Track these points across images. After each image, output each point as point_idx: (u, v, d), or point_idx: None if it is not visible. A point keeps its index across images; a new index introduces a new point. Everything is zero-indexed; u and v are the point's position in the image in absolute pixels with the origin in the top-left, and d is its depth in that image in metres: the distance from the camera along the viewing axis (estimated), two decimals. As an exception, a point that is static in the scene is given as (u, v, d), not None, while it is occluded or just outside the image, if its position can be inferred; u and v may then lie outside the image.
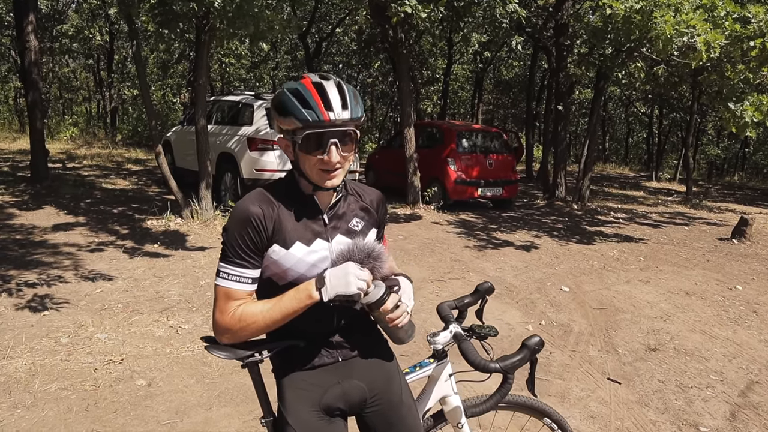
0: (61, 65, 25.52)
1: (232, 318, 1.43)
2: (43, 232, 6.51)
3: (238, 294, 1.44)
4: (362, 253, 1.47)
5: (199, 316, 4.38)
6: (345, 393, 1.55)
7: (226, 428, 2.90)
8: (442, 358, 1.79)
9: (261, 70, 27.93)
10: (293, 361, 1.55)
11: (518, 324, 4.68)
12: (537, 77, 21.59)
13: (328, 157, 1.43)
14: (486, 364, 1.52)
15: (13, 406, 2.97)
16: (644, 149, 31.88)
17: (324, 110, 1.41)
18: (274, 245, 1.46)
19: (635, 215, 11.17)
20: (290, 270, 1.47)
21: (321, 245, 1.50)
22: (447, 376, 1.79)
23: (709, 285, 6.11)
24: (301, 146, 1.44)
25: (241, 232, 1.43)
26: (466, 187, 10.12)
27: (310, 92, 1.42)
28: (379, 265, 1.49)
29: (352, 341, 1.59)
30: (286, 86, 1.47)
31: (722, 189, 19.48)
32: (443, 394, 1.80)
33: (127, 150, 16.61)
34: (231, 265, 1.44)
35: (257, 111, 8.30)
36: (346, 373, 1.57)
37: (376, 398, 1.60)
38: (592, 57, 10.30)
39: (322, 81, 1.45)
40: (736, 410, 3.41)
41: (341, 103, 1.43)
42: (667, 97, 21.06)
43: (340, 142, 1.44)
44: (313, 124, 1.41)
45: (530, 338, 1.57)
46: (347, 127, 1.45)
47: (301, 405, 1.51)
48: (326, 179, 1.47)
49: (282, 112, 1.45)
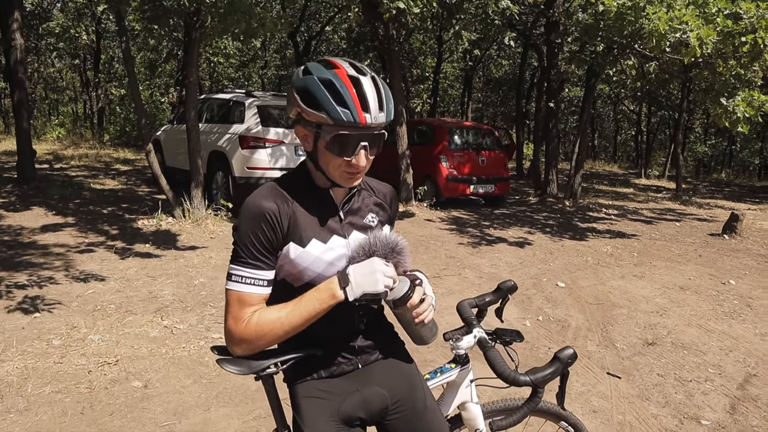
0: (47, 65, 25.21)
1: (247, 327, 1.31)
2: (32, 234, 6.40)
3: (252, 299, 1.32)
4: (386, 248, 1.37)
5: (194, 316, 4.32)
6: (365, 401, 1.46)
7: (225, 429, 2.85)
8: (464, 363, 1.70)
9: (250, 69, 27.81)
10: (309, 369, 1.45)
11: (516, 320, 4.66)
12: (527, 75, 21.65)
13: (356, 161, 1.33)
14: (516, 378, 1.42)
15: (5, 410, 2.90)
16: (633, 147, 32.11)
17: (361, 112, 1.29)
18: (290, 243, 1.35)
19: (626, 212, 11.22)
20: (307, 269, 1.37)
21: (338, 242, 1.41)
22: (468, 382, 1.71)
23: (703, 280, 6.14)
24: (328, 146, 1.32)
25: (255, 230, 1.31)
26: (458, 185, 10.11)
27: (346, 88, 1.29)
28: (403, 260, 1.40)
29: (371, 346, 1.50)
30: (316, 72, 1.32)
31: (710, 186, 19.65)
32: (463, 400, 1.72)
33: (115, 150, 16.43)
34: (244, 266, 1.32)
35: (248, 109, 8.22)
36: (366, 380, 1.47)
37: (399, 405, 1.50)
38: (583, 54, 10.32)
39: (359, 76, 1.32)
40: (735, 403, 3.41)
41: (378, 104, 1.31)
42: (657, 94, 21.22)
43: (370, 144, 1.34)
44: (347, 125, 1.29)
45: (563, 350, 1.48)
46: (379, 131, 1.35)
47: (318, 415, 1.40)
48: (348, 179, 1.38)
49: (309, 102, 1.31)
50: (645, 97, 22.79)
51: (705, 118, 28.01)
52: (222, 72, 26.58)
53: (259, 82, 29.06)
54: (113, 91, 23.61)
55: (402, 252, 1.40)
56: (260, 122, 8.04)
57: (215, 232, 7.06)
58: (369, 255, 1.37)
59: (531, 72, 22.58)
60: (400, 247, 1.40)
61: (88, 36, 19.50)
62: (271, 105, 8.44)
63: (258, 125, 8.01)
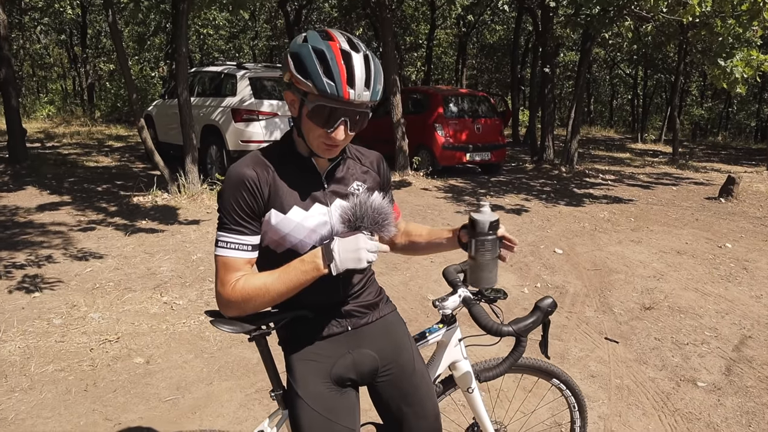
0: (32, 41, 24.72)
1: (233, 290, 1.35)
2: (28, 213, 6.37)
3: (237, 263, 1.37)
4: (372, 220, 1.36)
5: (193, 291, 4.33)
6: (355, 362, 1.51)
7: (228, 402, 2.88)
8: (451, 323, 1.75)
9: (240, 40, 27.34)
10: (301, 332, 1.50)
11: (514, 287, 4.69)
12: (521, 40, 21.36)
13: (335, 134, 1.35)
14: (499, 328, 1.48)
15: (9, 389, 2.92)
16: (629, 111, 31.94)
17: (346, 86, 1.30)
18: (271, 210, 1.39)
19: (623, 177, 11.22)
20: (288, 236, 1.40)
21: (319, 209, 1.43)
22: (456, 341, 1.76)
23: (699, 243, 6.17)
24: (309, 114, 1.34)
25: (236, 196, 1.36)
26: (454, 153, 10.05)
27: (336, 61, 1.29)
28: (388, 231, 1.39)
29: (360, 309, 1.54)
30: (312, 41, 1.33)
31: (706, 149, 19.62)
32: (453, 359, 1.77)
33: (107, 126, 16.26)
34: (228, 232, 1.37)
35: (240, 81, 8.11)
36: (356, 342, 1.52)
37: (388, 367, 1.56)
38: (579, 17, 10.15)
39: (351, 51, 1.32)
40: (731, 364, 3.46)
41: (364, 82, 1.32)
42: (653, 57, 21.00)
43: (350, 121, 1.35)
44: (330, 97, 1.30)
45: (543, 300, 1.53)
46: (362, 108, 1.35)
47: (311, 377, 1.46)
48: (325, 150, 1.40)
49: (300, 69, 1.32)
50: (641, 60, 22.57)
51: (702, 81, 27.83)
52: (212, 44, 26.13)
53: (250, 53, 28.60)
54: (102, 66, 23.25)
55: (387, 225, 1.38)
56: (253, 94, 7.94)
57: (211, 207, 7.04)
58: (355, 226, 1.36)
59: (525, 37, 22.28)
60: (385, 221, 1.38)
61: (73, 10, 19.05)
62: (264, 77, 8.32)
63: (251, 97, 7.91)
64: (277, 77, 8.42)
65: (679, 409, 2.96)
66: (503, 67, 27.32)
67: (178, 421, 2.71)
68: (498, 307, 1.75)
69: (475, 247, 1.46)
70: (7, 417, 2.68)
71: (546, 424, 2.69)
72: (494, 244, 1.46)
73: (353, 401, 1.52)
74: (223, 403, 2.87)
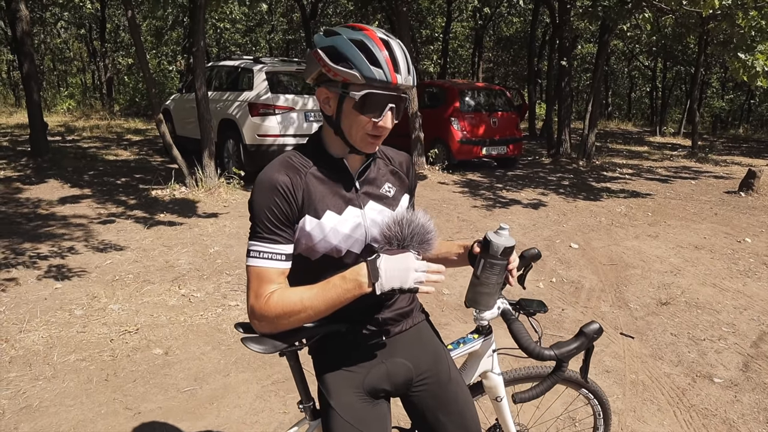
0: (53, 36, 25.06)
1: (267, 304, 1.28)
2: (50, 206, 6.49)
3: (271, 273, 1.30)
4: (419, 239, 1.31)
5: (211, 284, 4.39)
6: (389, 373, 1.46)
7: (245, 393, 2.93)
8: (487, 334, 1.71)
9: (257, 34, 27.44)
10: (333, 342, 1.45)
11: (528, 282, 4.65)
12: (538, 33, 21.15)
13: (383, 122, 1.32)
14: (540, 352, 1.41)
15: (34, 378, 3.00)
16: (647, 104, 31.50)
17: (393, 72, 1.28)
18: (305, 216, 1.33)
19: (641, 170, 11.09)
20: (323, 241, 1.35)
21: (353, 213, 1.38)
22: (491, 352, 1.72)
23: (718, 238, 6.10)
24: (357, 105, 1.29)
25: (269, 203, 1.29)
26: (470, 147, 10.02)
27: (378, 48, 1.27)
28: (431, 248, 1.35)
29: (394, 317, 1.48)
30: (345, 34, 1.30)
31: (727, 142, 19.29)
32: (485, 369, 1.73)
33: (126, 120, 16.45)
34: (261, 241, 1.30)
35: (257, 75, 8.15)
36: (390, 352, 1.47)
37: (423, 377, 1.51)
38: (596, 9, 10.03)
39: (389, 39, 1.31)
40: (749, 361, 3.43)
41: (407, 67, 1.31)
42: (672, 49, 20.67)
43: (396, 107, 1.33)
44: (380, 84, 1.28)
45: (589, 325, 1.45)
46: (405, 94, 1.34)
47: (343, 387, 1.42)
48: (370, 144, 1.36)
49: (338, 61, 1.28)
50: (660, 52, 22.22)
51: (723, 73, 27.32)
52: (229, 38, 26.26)
53: (266, 47, 28.69)
54: (120, 61, 23.49)
55: (430, 244, 1.34)
56: (269, 89, 7.98)
57: (228, 201, 7.11)
58: (401, 245, 1.31)
59: (542, 29, 22.05)
60: (431, 238, 1.33)
61: (92, 4, 19.28)
62: (280, 71, 8.36)
63: (267, 92, 7.95)
64: (293, 71, 8.45)
65: (694, 405, 2.95)
66: (520, 60, 27.08)
67: (196, 411, 2.77)
68: (536, 321, 1.69)
69: (483, 268, 1.41)
70: (32, 404, 2.76)
71: (569, 430, 2.70)
72: (502, 270, 1.41)
73: (385, 412, 1.47)
74: (240, 394, 2.92)
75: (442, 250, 1.59)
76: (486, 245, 1.39)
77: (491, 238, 1.38)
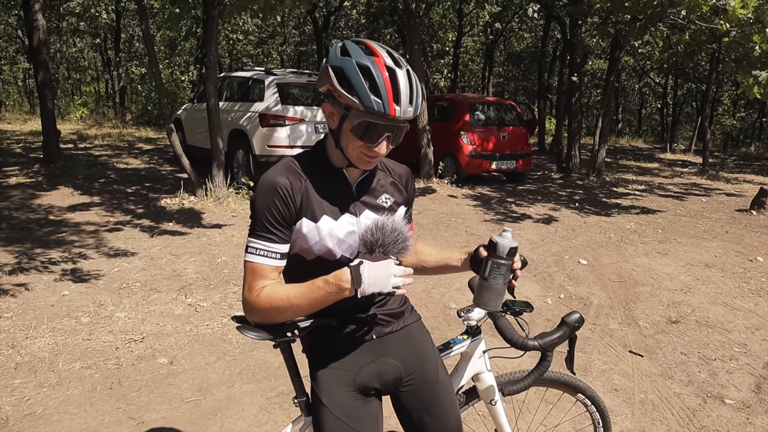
0: (69, 45, 25.41)
1: (258, 297, 1.37)
2: (61, 212, 6.54)
3: (265, 270, 1.38)
4: (394, 242, 1.38)
5: (217, 294, 4.39)
6: (379, 372, 1.51)
7: (249, 405, 2.91)
8: (476, 334, 1.74)
9: (269, 45, 27.68)
10: (326, 340, 1.51)
11: (537, 297, 4.64)
12: (549, 48, 21.19)
13: (377, 149, 1.37)
14: (524, 342, 1.47)
15: (38, 385, 3.00)
16: (658, 120, 31.38)
17: (392, 104, 1.31)
18: (302, 218, 1.40)
19: (651, 187, 11.03)
20: (318, 244, 1.42)
21: (348, 220, 1.44)
22: (481, 352, 1.75)
23: (729, 257, 6.03)
24: (354, 129, 1.35)
25: (268, 204, 1.37)
26: (479, 161, 10.01)
27: (382, 78, 1.30)
28: (406, 251, 1.42)
29: (385, 318, 1.54)
30: (355, 56, 1.33)
31: (738, 160, 19.16)
32: (477, 371, 1.76)
33: (138, 129, 16.60)
34: (258, 239, 1.38)
35: (268, 87, 8.21)
36: (381, 351, 1.52)
37: (411, 377, 1.56)
38: (608, 26, 10.03)
39: (396, 68, 1.33)
40: (761, 382, 3.37)
41: (409, 98, 1.33)
42: (684, 66, 20.62)
43: (393, 135, 1.37)
44: (376, 114, 1.31)
45: (569, 315, 1.51)
46: (404, 123, 1.37)
47: (335, 385, 1.47)
48: (366, 162, 1.41)
49: (343, 84, 1.33)
50: (671, 69, 22.17)
51: (734, 90, 27.19)
52: (241, 49, 26.50)
53: (278, 59, 28.93)
54: (134, 70, 23.73)
55: (408, 249, 1.40)
56: (280, 100, 8.03)
57: (237, 211, 7.13)
58: (378, 250, 1.37)
59: (553, 45, 22.09)
60: (409, 244, 1.40)
61: (108, 15, 19.54)
62: (291, 83, 8.41)
63: (278, 103, 8.00)
64: (304, 83, 8.50)
65: (705, 426, 2.89)
66: (530, 75, 27.13)
67: (200, 422, 2.75)
68: (524, 320, 1.74)
69: (490, 269, 1.45)
70: (36, 411, 2.76)
71: (567, 438, 2.66)
72: (508, 270, 1.45)
73: (376, 410, 1.52)
74: (244, 405, 2.90)
75: (442, 256, 1.65)
76: (492, 247, 1.45)
77: (497, 240, 1.44)
